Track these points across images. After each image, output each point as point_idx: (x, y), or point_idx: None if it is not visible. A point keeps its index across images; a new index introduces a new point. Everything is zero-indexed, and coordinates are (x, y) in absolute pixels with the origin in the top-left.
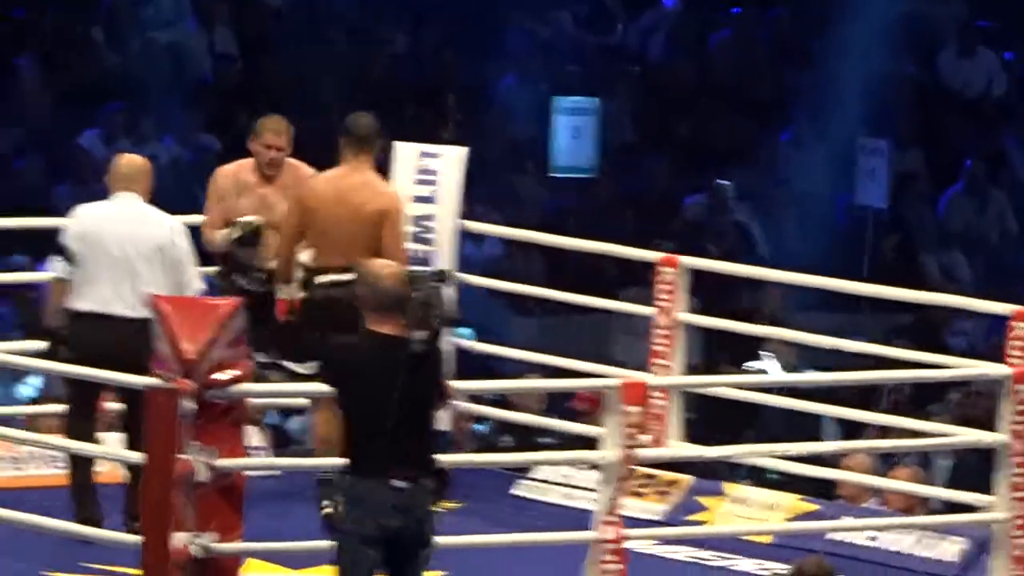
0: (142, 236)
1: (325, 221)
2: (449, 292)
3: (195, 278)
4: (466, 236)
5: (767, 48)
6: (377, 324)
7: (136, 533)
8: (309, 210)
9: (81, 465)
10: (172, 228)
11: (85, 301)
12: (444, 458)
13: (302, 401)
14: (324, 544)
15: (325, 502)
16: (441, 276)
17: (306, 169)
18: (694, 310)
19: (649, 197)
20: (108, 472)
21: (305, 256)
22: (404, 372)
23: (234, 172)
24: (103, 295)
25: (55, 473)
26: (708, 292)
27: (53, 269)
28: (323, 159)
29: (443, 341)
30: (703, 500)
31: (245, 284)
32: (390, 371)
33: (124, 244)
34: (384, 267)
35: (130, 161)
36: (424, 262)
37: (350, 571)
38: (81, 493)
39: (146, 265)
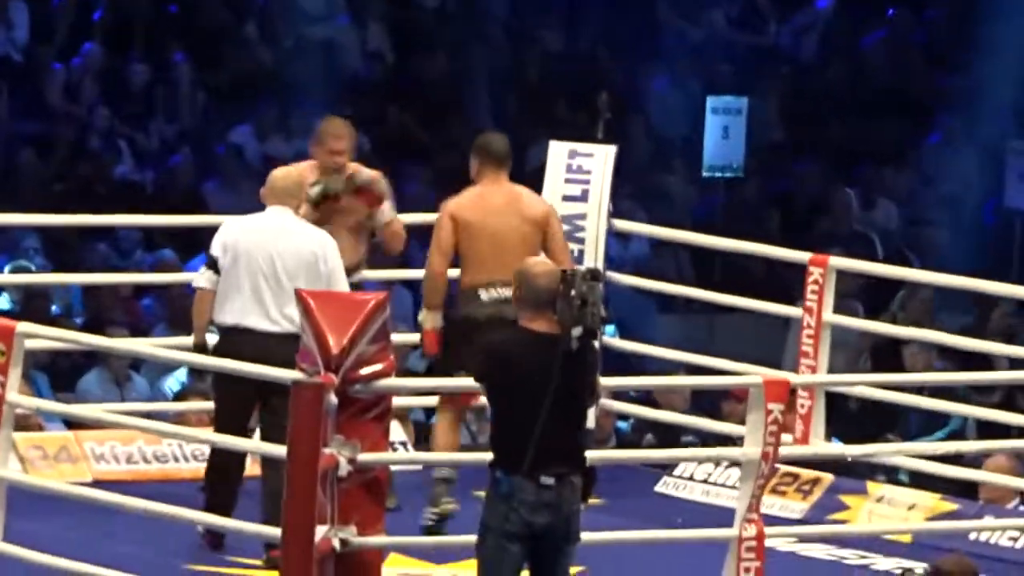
0: (292, 251)
1: (488, 235)
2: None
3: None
4: (614, 235)
5: (920, 50)
6: (530, 321)
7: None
8: (467, 225)
9: (223, 464)
10: (323, 243)
11: (229, 314)
12: (589, 454)
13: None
14: (466, 538)
15: (446, 499)
16: (596, 274)
17: (368, 171)
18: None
19: (797, 198)
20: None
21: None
22: (559, 370)
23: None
24: (247, 308)
25: (200, 467)
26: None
27: (199, 280)
28: (469, 156)
29: (598, 339)
30: (844, 499)
31: None
32: (545, 369)
33: (272, 258)
34: (538, 265)
35: (285, 175)
36: (577, 260)
37: (494, 567)
38: (220, 488)
39: (294, 280)
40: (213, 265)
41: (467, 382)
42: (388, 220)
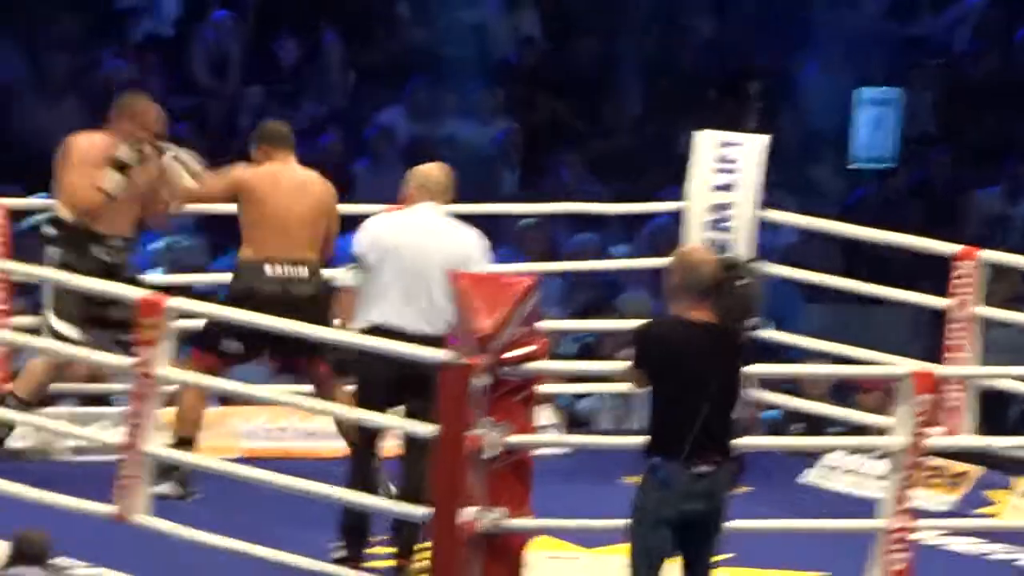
0: (441, 249)
1: (277, 211)
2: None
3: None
4: (763, 224)
5: None
6: (688, 310)
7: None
8: (255, 196)
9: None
10: (473, 242)
11: (375, 313)
12: (742, 442)
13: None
14: (613, 523)
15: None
16: (757, 264)
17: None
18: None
19: (946, 189)
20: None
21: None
22: (725, 360)
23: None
24: (395, 309)
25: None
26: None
27: (344, 278)
28: (621, 143)
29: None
30: (991, 493)
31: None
32: (712, 359)
33: (421, 256)
34: (699, 252)
35: (433, 172)
36: (725, 250)
37: (646, 553)
38: (364, 467)
39: (443, 279)
40: (358, 263)
41: (621, 367)
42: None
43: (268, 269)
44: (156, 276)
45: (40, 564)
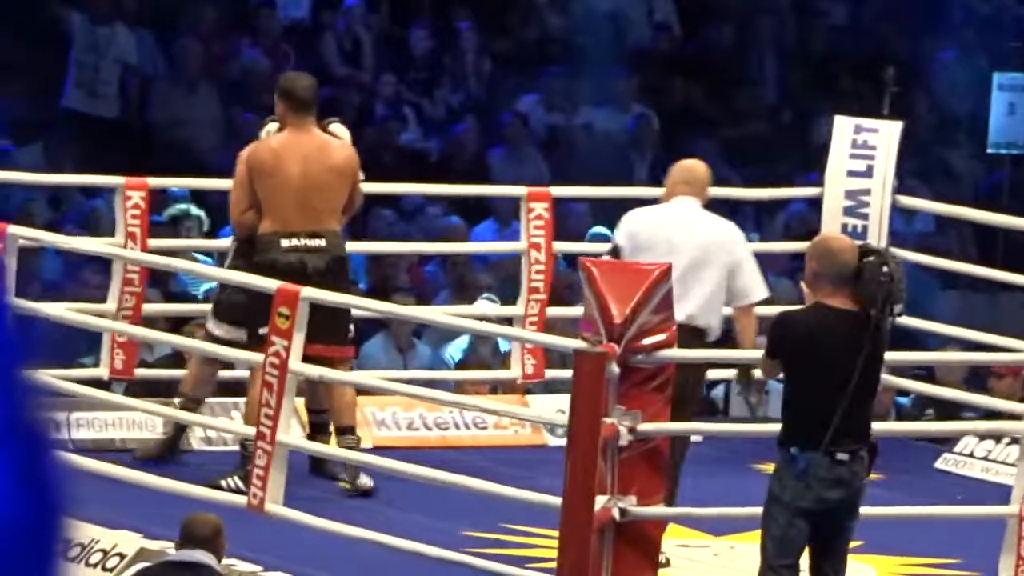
0: (695, 241)
1: (291, 183)
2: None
3: (756, 285)
4: (898, 210)
5: None
6: (829, 297)
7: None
8: (266, 171)
9: None
10: (731, 233)
11: None
12: (878, 427)
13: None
14: (745, 511)
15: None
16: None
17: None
18: None
19: None
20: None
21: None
22: (866, 347)
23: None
24: None
25: (478, 435)
26: None
27: None
28: (755, 129)
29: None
30: None
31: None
32: (853, 346)
33: (675, 249)
34: (839, 240)
35: (696, 167)
36: (860, 236)
37: (784, 543)
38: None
39: (696, 271)
40: (616, 255)
41: (757, 355)
42: None
43: (285, 242)
44: None
45: (208, 546)
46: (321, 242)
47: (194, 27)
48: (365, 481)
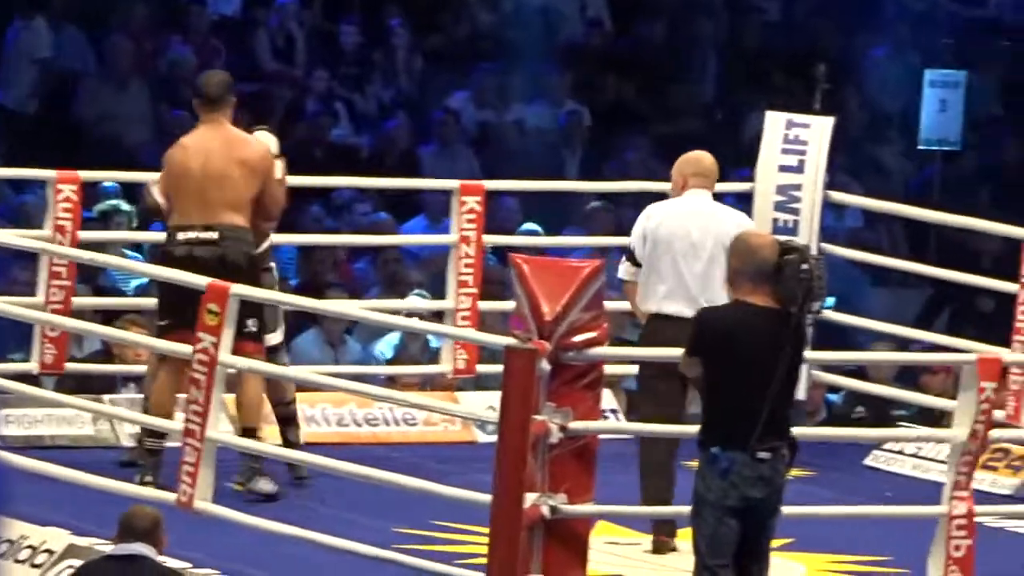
0: (712, 234)
1: (191, 177)
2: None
3: None
4: (829, 206)
5: None
6: (748, 294)
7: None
8: (174, 166)
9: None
10: (747, 225)
11: (651, 301)
12: (801, 431)
13: None
14: (674, 509)
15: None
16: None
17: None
18: None
19: (1011, 172)
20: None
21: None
22: (785, 345)
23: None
24: (670, 295)
25: (408, 431)
26: None
27: (621, 272)
28: (687, 125)
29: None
30: None
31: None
32: (773, 344)
33: (693, 243)
34: (758, 236)
35: (704, 159)
36: (791, 231)
37: (715, 542)
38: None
39: (713, 265)
40: (631, 256)
41: (676, 354)
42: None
43: (180, 235)
44: None
45: (148, 539)
46: (213, 235)
47: (124, 24)
48: (264, 485)
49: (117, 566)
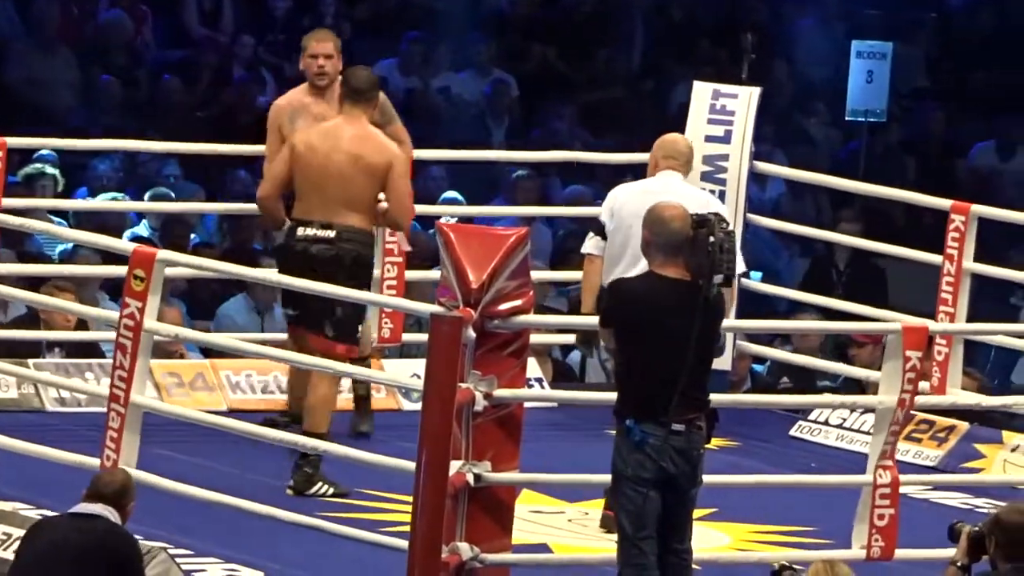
0: None
1: (315, 171)
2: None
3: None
4: (754, 176)
5: None
6: (661, 267)
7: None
8: (300, 156)
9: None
10: (715, 207)
11: (611, 278)
12: (723, 398)
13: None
14: (599, 477)
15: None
16: (723, 220)
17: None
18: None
19: (936, 144)
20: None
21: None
22: (700, 317)
23: (287, 100)
24: (626, 272)
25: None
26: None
27: (587, 246)
28: (614, 94)
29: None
30: (980, 447)
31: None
32: (687, 316)
33: None
34: (670, 208)
35: (679, 141)
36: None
37: (637, 514)
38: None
39: None
40: (600, 231)
41: (593, 321)
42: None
43: (299, 231)
44: None
45: (112, 502)
46: (330, 233)
47: None
48: (323, 490)
49: (71, 522)
